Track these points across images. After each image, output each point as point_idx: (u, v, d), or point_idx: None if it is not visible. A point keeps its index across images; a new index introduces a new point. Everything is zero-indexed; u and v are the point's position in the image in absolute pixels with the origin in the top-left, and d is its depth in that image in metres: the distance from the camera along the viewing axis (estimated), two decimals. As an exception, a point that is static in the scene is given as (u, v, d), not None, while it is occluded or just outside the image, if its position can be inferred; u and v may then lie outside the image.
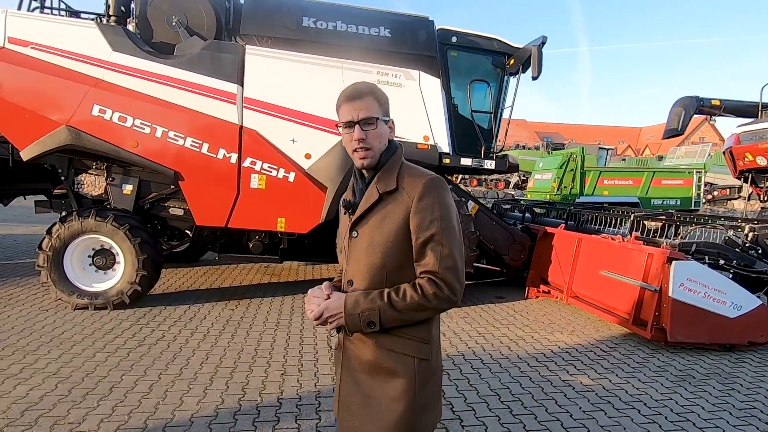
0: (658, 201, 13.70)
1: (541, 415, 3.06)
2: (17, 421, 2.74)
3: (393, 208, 1.32)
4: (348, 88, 1.37)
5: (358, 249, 1.36)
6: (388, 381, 1.31)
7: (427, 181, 1.32)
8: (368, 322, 1.28)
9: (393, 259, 1.32)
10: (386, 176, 1.36)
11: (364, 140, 1.33)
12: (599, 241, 5.24)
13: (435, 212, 1.30)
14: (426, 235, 1.29)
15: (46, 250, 4.77)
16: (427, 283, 1.28)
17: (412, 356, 1.32)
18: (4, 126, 4.70)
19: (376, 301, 1.28)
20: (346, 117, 1.34)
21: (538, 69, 5.38)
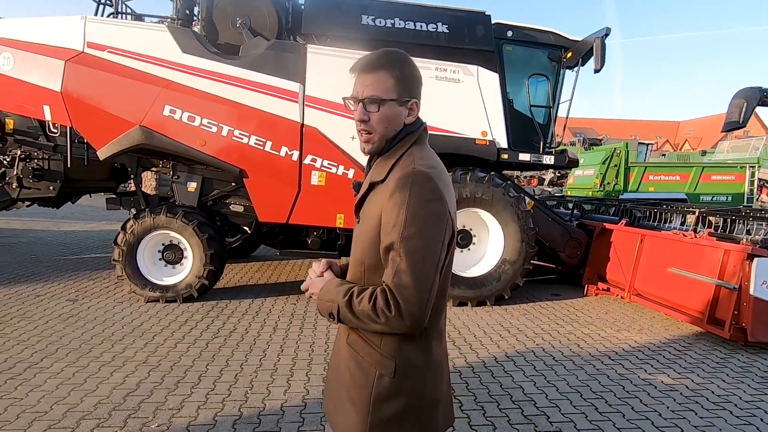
0: (707, 197, 13.17)
1: (628, 414, 3.00)
2: (121, 405, 2.88)
3: (376, 202, 1.17)
4: (364, 56, 1.19)
5: (355, 236, 1.27)
6: (351, 382, 1.21)
7: (403, 175, 1.11)
8: (329, 312, 1.19)
9: (369, 257, 1.19)
10: (382, 164, 1.20)
11: (366, 122, 1.18)
12: (666, 238, 5.09)
13: (399, 215, 1.09)
14: (386, 242, 1.11)
15: (121, 245, 4.98)
16: (380, 295, 1.10)
17: (373, 367, 1.18)
18: (83, 126, 4.92)
19: (339, 295, 1.16)
20: (354, 91, 1.19)
21: (602, 61, 5.25)
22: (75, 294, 5.22)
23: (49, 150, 5.48)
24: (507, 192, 5.32)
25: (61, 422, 2.67)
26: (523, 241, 5.31)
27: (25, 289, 5.34)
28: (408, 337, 1.15)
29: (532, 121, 5.78)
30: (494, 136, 5.41)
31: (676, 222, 6.30)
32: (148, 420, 2.72)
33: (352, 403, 1.20)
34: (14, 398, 2.91)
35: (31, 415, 2.73)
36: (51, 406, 2.84)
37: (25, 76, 4.88)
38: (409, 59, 1.21)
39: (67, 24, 4.83)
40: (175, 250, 5.22)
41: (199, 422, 2.73)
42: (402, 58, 1.19)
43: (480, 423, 2.83)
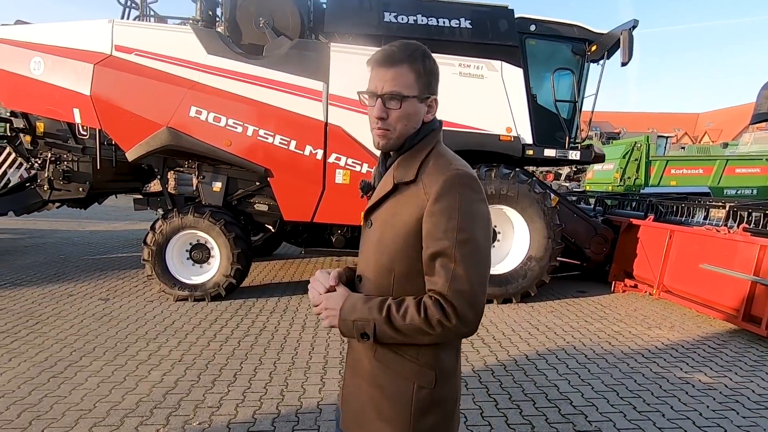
0: (731, 191, 12.88)
1: (668, 413, 2.96)
2: (162, 403, 2.94)
3: (406, 204, 1.10)
4: (386, 46, 1.12)
5: (369, 242, 1.17)
6: (383, 399, 1.13)
7: (448, 178, 1.06)
8: (361, 333, 1.09)
9: (401, 264, 1.11)
10: (407, 163, 1.12)
11: (384, 120, 1.10)
12: (697, 233, 4.99)
13: (452, 220, 1.03)
14: (437, 247, 1.04)
15: (151, 245, 5.06)
16: (433, 306, 1.03)
17: (411, 380, 1.11)
18: (112, 128, 5.01)
19: (373, 311, 1.07)
20: (371, 85, 1.11)
21: (629, 54, 5.16)
22: (106, 293, 5.33)
23: (78, 152, 5.59)
24: (533, 188, 5.27)
25: (106, 420, 2.72)
26: (549, 238, 5.26)
27: (58, 288, 5.47)
28: (444, 344, 1.12)
29: (556, 116, 5.71)
30: (519, 132, 5.35)
31: (699, 216, 6.17)
32: (189, 418, 2.77)
33: (387, 421, 1.13)
34: (58, 396, 2.98)
35: (76, 412, 2.79)
36: (94, 403, 2.90)
37: (55, 80, 4.98)
38: (429, 53, 1.14)
39: (95, 28, 4.91)
40: (203, 249, 5.29)
41: (239, 420, 2.76)
42: (423, 51, 1.12)
43: (518, 422, 2.82)
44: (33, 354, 3.61)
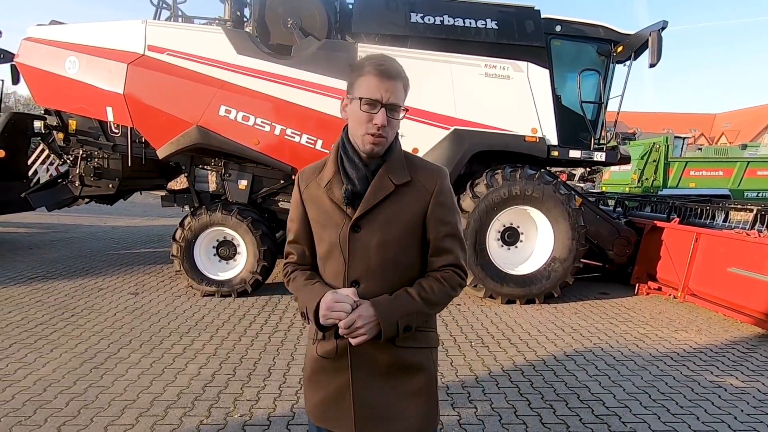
0: (752, 193, 12.69)
1: (702, 416, 2.96)
2: (202, 396, 3.01)
3: (410, 202, 1.23)
4: (379, 59, 1.19)
5: (363, 246, 1.22)
6: (407, 377, 1.25)
7: (444, 174, 1.29)
8: (406, 327, 1.20)
9: (408, 255, 1.25)
10: (397, 166, 1.24)
11: (384, 127, 1.18)
12: (725, 236, 4.95)
13: (452, 206, 1.29)
14: (446, 230, 1.26)
15: (180, 241, 5.17)
16: (451, 276, 1.26)
17: (429, 347, 1.30)
18: (144, 127, 5.11)
19: (410, 304, 1.20)
20: (372, 93, 1.16)
21: (658, 55, 5.13)
22: (135, 288, 5.44)
23: (109, 149, 5.70)
24: (557, 189, 5.27)
25: (150, 410, 2.81)
26: (573, 239, 5.26)
27: (88, 282, 5.60)
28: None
29: (581, 117, 5.69)
30: (544, 133, 5.36)
31: (719, 219, 6.12)
32: (230, 410, 2.84)
33: (417, 393, 1.26)
34: (102, 386, 3.07)
35: (121, 402, 2.88)
36: (137, 394, 2.99)
37: (89, 79, 5.09)
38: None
39: (129, 28, 5.01)
40: (229, 246, 5.38)
41: (278, 413, 2.83)
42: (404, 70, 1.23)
43: (552, 422, 2.85)
44: (72, 345, 3.72)
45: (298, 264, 1.36)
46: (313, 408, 1.33)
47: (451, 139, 5.21)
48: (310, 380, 1.34)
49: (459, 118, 5.24)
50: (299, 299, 1.29)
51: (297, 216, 1.35)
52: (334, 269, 1.26)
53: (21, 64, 5.32)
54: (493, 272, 5.25)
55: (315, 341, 1.31)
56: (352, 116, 1.22)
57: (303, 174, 1.35)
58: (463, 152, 5.21)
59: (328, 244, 1.27)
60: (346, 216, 1.23)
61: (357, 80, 1.20)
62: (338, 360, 1.26)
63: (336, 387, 1.27)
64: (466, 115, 5.25)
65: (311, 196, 1.30)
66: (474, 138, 5.24)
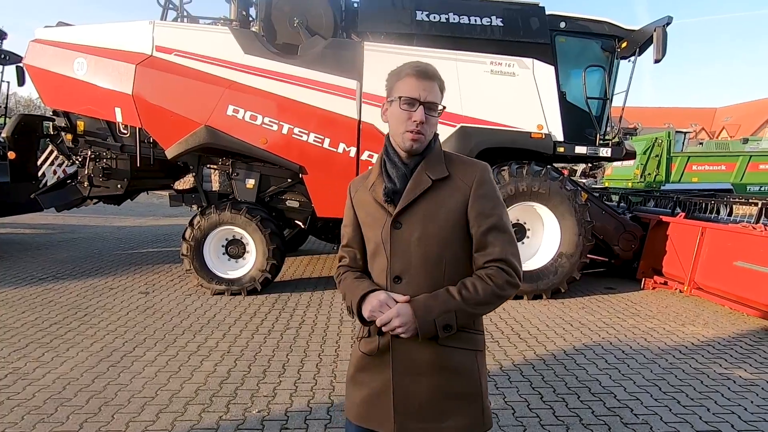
0: (754, 187, 12.70)
1: (712, 407, 3.00)
2: (219, 392, 3.06)
3: (448, 196, 1.25)
4: (417, 62, 1.26)
5: (404, 241, 1.25)
6: (450, 378, 1.25)
7: (483, 168, 1.30)
8: (444, 326, 1.20)
9: (451, 251, 1.25)
10: (435, 162, 1.28)
11: (423, 124, 1.23)
12: (731, 230, 4.98)
13: (495, 199, 1.28)
14: (489, 223, 1.24)
15: (189, 240, 5.21)
16: (497, 273, 1.22)
17: (473, 350, 1.28)
18: (152, 127, 5.15)
19: (449, 302, 1.20)
20: (411, 92, 1.22)
21: (663, 51, 5.15)
22: (145, 287, 5.49)
23: (117, 150, 5.73)
24: (564, 185, 5.30)
25: (169, 407, 2.85)
26: (580, 235, 5.30)
27: (98, 282, 5.65)
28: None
29: (586, 114, 5.72)
30: (550, 130, 5.38)
31: (723, 213, 6.16)
32: (248, 406, 2.88)
33: (459, 395, 1.25)
34: (120, 384, 3.12)
35: (140, 399, 2.93)
36: (155, 391, 3.04)
37: (97, 80, 5.13)
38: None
39: (137, 29, 5.04)
40: (238, 244, 5.42)
41: (296, 409, 2.87)
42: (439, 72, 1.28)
43: (564, 414, 2.89)
44: (88, 344, 3.77)
45: (350, 267, 1.41)
46: (353, 406, 1.34)
47: (458, 137, 5.24)
48: (353, 379, 1.36)
49: (465, 115, 5.27)
50: (346, 296, 1.34)
51: (349, 221, 1.41)
52: (379, 267, 1.31)
53: (29, 65, 5.35)
54: (501, 268, 5.28)
55: (360, 339, 1.35)
56: (392, 117, 1.28)
57: (354, 183, 1.44)
58: (470, 149, 5.24)
59: (374, 243, 1.31)
60: (387, 213, 1.28)
61: (396, 83, 1.26)
62: (380, 357, 1.28)
63: (378, 384, 1.29)
64: (473, 112, 5.27)
65: (360, 200, 1.37)
66: (480, 135, 5.27)
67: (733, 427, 2.77)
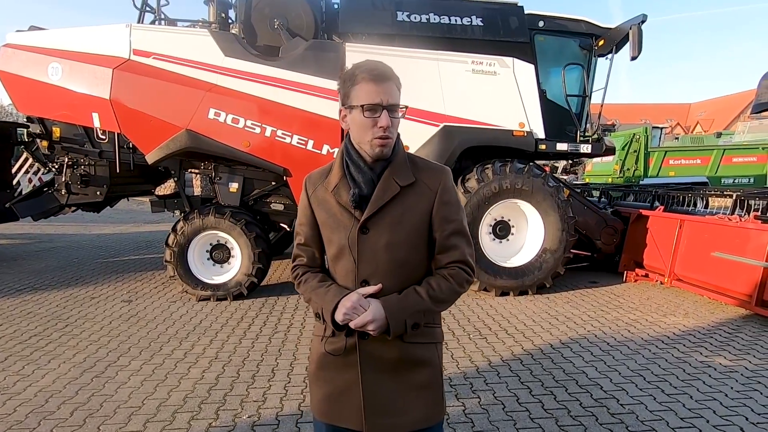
0: (728, 180, 13.07)
1: (695, 395, 3.08)
2: (208, 399, 3.02)
3: (415, 202, 1.27)
4: (369, 64, 1.22)
5: (371, 246, 1.26)
6: (413, 372, 1.29)
7: (447, 173, 1.32)
8: (413, 324, 1.25)
9: (416, 254, 1.29)
10: (401, 167, 1.28)
11: (389, 128, 1.22)
12: (708, 222, 5.13)
13: (456, 204, 1.32)
14: (452, 228, 1.29)
15: (173, 246, 5.12)
16: (458, 273, 1.29)
17: (435, 342, 1.34)
18: (132, 132, 5.05)
19: (420, 303, 1.25)
20: (372, 98, 1.20)
21: (638, 48, 5.27)
22: (128, 295, 5.38)
23: (95, 156, 5.61)
24: (546, 182, 5.38)
25: (157, 416, 2.80)
26: (563, 230, 5.38)
27: (79, 291, 5.52)
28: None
29: (566, 111, 5.81)
30: (532, 128, 5.46)
31: (700, 206, 6.34)
32: (237, 412, 2.85)
33: (423, 386, 1.30)
34: (105, 394, 3.05)
35: (126, 410, 2.87)
36: (142, 401, 2.98)
37: (73, 85, 5.01)
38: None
39: (113, 32, 4.95)
40: (223, 249, 5.36)
41: (286, 413, 2.85)
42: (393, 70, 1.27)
43: (553, 407, 2.93)
44: (70, 355, 3.68)
45: (309, 266, 1.40)
46: (318, 404, 1.36)
47: (441, 136, 5.27)
48: (316, 376, 1.36)
49: (448, 114, 5.31)
50: (313, 301, 1.32)
51: (306, 220, 1.38)
52: (344, 270, 1.30)
53: (0, 71, 5.20)
54: (487, 265, 5.34)
55: (323, 338, 1.34)
56: (354, 125, 1.25)
57: (310, 179, 1.39)
58: (453, 148, 5.28)
59: (337, 246, 1.30)
60: (354, 218, 1.27)
61: (352, 90, 1.23)
62: (346, 356, 1.30)
63: (343, 382, 1.30)
64: (455, 111, 5.32)
65: (319, 199, 1.34)
66: (463, 134, 5.32)
67: (715, 413, 2.85)
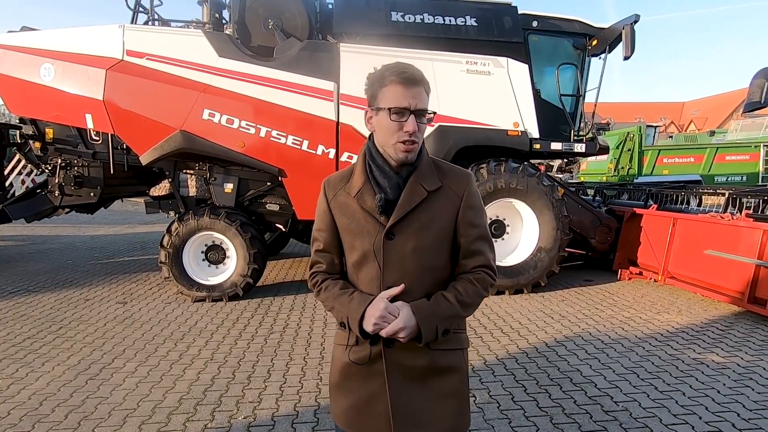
0: (721, 178, 13.17)
1: (687, 391, 3.11)
2: (203, 400, 3.02)
3: (442, 207, 1.26)
4: (400, 66, 1.19)
5: (398, 252, 1.23)
6: (441, 379, 1.27)
7: (470, 178, 1.32)
8: (444, 331, 1.23)
9: (441, 260, 1.28)
10: (427, 173, 1.26)
11: (415, 133, 1.19)
12: (700, 220, 5.17)
13: (480, 209, 1.32)
14: (477, 233, 1.29)
15: (168, 247, 5.10)
16: (483, 277, 1.28)
17: (461, 348, 1.32)
18: (125, 133, 5.03)
19: (450, 309, 1.23)
20: (400, 102, 1.17)
21: (631, 48, 5.30)
22: (123, 297, 5.36)
23: (89, 157, 5.58)
24: (541, 181, 5.41)
25: (152, 418, 2.80)
26: (558, 229, 5.41)
27: (73, 293, 5.49)
28: None
29: (560, 110, 5.84)
30: (526, 127, 5.48)
31: (693, 204, 6.38)
32: (233, 413, 2.85)
33: (450, 394, 1.28)
34: (100, 397, 3.04)
35: (121, 412, 2.86)
36: (137, 403, 2.97)
37: (66, 86, 4.98)
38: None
39: (106, 33, 4.92)
40: (218, 250, 5.34)
41: (282, 413, 2.86)
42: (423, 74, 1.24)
43: (548, 405, 2.95)
44: (64, 358, 3.66)
45: (328, 273, 1.35)
46: (342, 413, 1.33)
47: (436, 136, 5.28)
48: (339, 386, 1.33)
49: (443, 114, 5.31)
50: (336, 310, 1.29)
51: (325, 225, 1.34)
52: (368, 276, 1.27)
53: (-8, 72, 5.15)
54: (482, 265, 5.35)
55: (347, 347, 1.30)
56: (380, 127, 1.22)
57: (329, 183, 1.34)
58: (449, 148, 5.30)
59: (361, 252, 1.26)
60: (379, 224, 1.24)
61: (380, 91, 1.20)
62: (371, 365, 1.27)
63: (368, 392, 1.27)
64: (450, 111, 5.32)
65: (340, 204, 1.30)
66: (458, 134, 5.33)
67: (708, 410, 2.88)
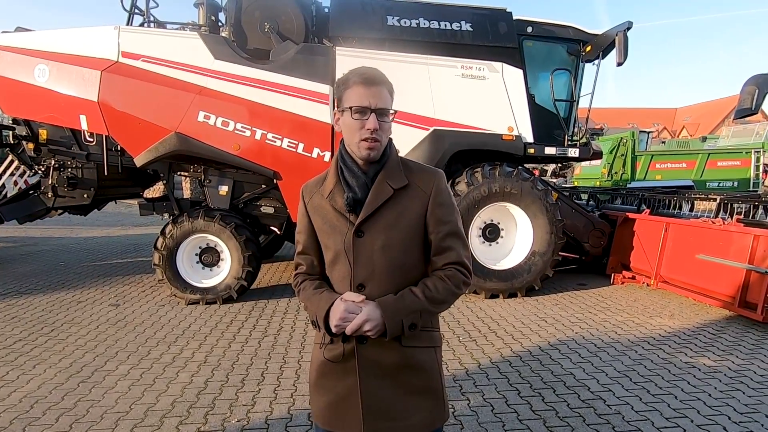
0: (713, 183, 13.30)
1: (679, 395, 3.14)
2: (197, 403, 3.00)
3: (409, 205, 1.29)
4: (362, 69, 1.26)
5: (367, 250, 1.27)
6: (413, 376, 1.30)
7: (440, 175, 1.34)
8: (410, 325, 1.25)
9: (412, 257, 1.30)
10: (394, 171, 1.30)
11: (377, 131, 1.24)
12: (692, 225, 5.22)
13: (451, 206, 1.33)
14: (447, 229, 1.30)
15: (161, 250, 5.08)
16: (455, 274, 1.29)
17: (433, 346, 1.34)
18: (120, 134, 5.01)
19: (415, 303, 1.25)
20: (361, 101, 1.23)
21: (624, 54, 5.36)
22: (115, 299, 5.33)
23: (83, 158, 5.55)
24: (535, 185, 5.44)
25: (145, 421, 2.78)
26: (552, 233, 5.44)
27: (65, 295, 5.44)
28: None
29: (554, 115, 5.88)
30: (520, 132, 5.52)
31: (685, 209, 6.45)
32: (227, 416, 2.84)
33: (421, 391, 1.31)
34: (92, 400, 3.02)
35: (113, 415, 2.84)
36: (130, 406, 2.95)
37: (60, 87, 4.97)
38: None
39: (101, 34, 4.91)
40: (212, 252, 5.33)
41: (276, 416, 2.85)
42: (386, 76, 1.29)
43: (541, 408, 2.96)
44: (56, 360, 3.63)
45: (308, 274, 1.40)
46: (320, 411, 1.36)
47: (431, 140, 5.31)
48: (317, 384, 1.36)
49: (438, 118, 5.35)
50: (309, 308, 1.34)
51: (304, 227, 1.39)
52: (340, 274, 1.31)
53: (-14, 72, 5.12)
54: (476, 268, 5.37)
55: (322, 346, 1.34)
56: (345, 127, 1.27)
57: (306, 187, 1.40)
58: (443, 152, 5.32)
59: (333, 251, 1.31)
60: (349, 222, 1.28)
61: (344, 93, 1.26)
62: (345, 363, 1.30)
63: (343, 389, 1.30)
64: (445, 115, 5.36)
65: (315, 206, 1.35)
66: (453, 138, 5.36)
67: (699, 413, 2.90)
